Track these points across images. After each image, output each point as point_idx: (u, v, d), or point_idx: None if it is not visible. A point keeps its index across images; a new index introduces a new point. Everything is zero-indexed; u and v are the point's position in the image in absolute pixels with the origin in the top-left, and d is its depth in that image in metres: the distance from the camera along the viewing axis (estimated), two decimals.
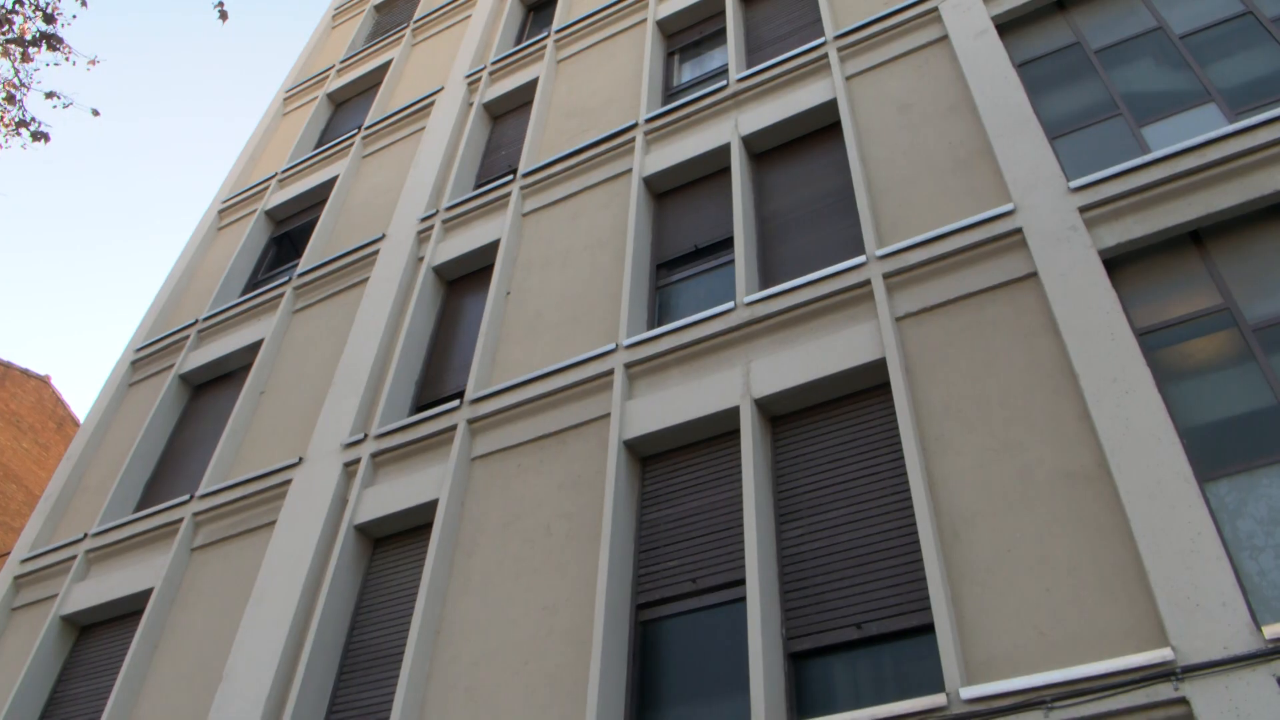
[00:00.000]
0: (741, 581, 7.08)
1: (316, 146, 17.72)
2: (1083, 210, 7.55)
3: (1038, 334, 7.14)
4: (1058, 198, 7.74)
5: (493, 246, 11.65)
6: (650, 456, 8.40)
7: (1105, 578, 5.83)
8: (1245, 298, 6.88)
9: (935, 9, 10.30)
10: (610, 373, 8.87)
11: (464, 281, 11.97)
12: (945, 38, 10.00)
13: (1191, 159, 7.39)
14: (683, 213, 10.62)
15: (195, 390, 13.62)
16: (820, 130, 10.40)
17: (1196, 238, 7.31)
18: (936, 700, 5.65)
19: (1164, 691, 5.22)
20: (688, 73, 12.93)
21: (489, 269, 11.70)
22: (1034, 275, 7.46)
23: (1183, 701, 5.17)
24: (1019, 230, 7.71)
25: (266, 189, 16.72)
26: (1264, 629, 5.17)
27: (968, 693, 5.61)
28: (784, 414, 8.00)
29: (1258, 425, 6.26)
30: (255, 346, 13.12)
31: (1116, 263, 7.41)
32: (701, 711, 6.77)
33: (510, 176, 12.34)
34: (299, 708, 8.16)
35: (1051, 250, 7.43)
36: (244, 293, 14.82)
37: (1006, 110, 8.66)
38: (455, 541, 8.66)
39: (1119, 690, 5.32)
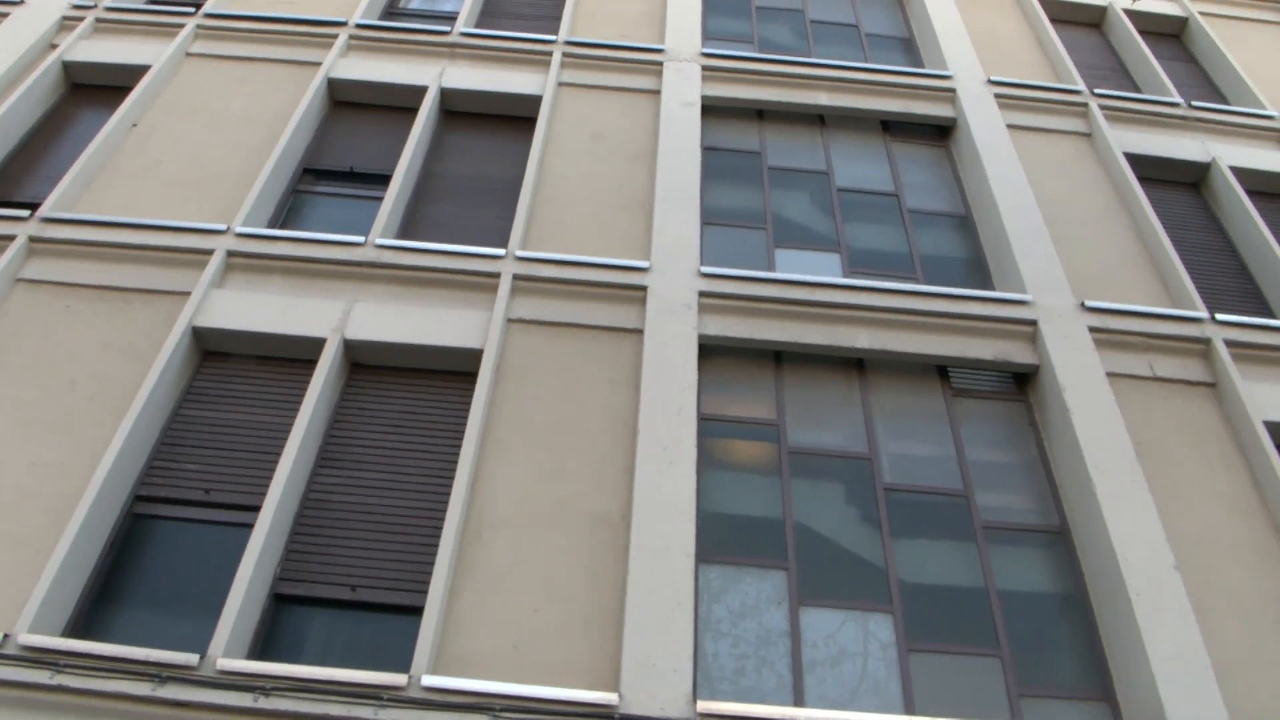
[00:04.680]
0: (256, 508, 6.81)
1: None
2: (701, 294, 8.21)
3: (622, 384, 7.61)
4: (686, 275, 8.35)
5: (139, 70, 10.47)
6: (215, 352, 7.89)
7: (589, 615, 6.28)
8: (794, 423, 7.82)
9: (661, 64, 10.78)
10: (209, 253, 8.24)
11: (91, 92, 10.63)
12: (658, 93, 10.48)
13: (785, 290, 8.30)
14: (353, 131, 10.20)
15: None
16: (516, 118, 10.46)
17: (778, 358, 8.21)
18: (397, 679, 5.76)
19: None
20: (418, 1, 12.51)
21: (125, 91, 10.47)
22: (640, 332, 7.96)
23: None
24: (644, 288, 8.21)
25: None
26: (698, 703, 5.82)
27: (429, 681, 5.77)
28: (368, 364, 7.88)
29: (760, 531, 7.10)
30: None
31: (709, 350, 8.12)
32: (164, 620, 6.41)
33: (191, 9, 11.22)
34: None
35: (662, 317, 7.98)
36: None
37: (679, 181, 9.23)
38: None
39: (560, 718, 5.72)
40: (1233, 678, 6.30)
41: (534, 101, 10.37)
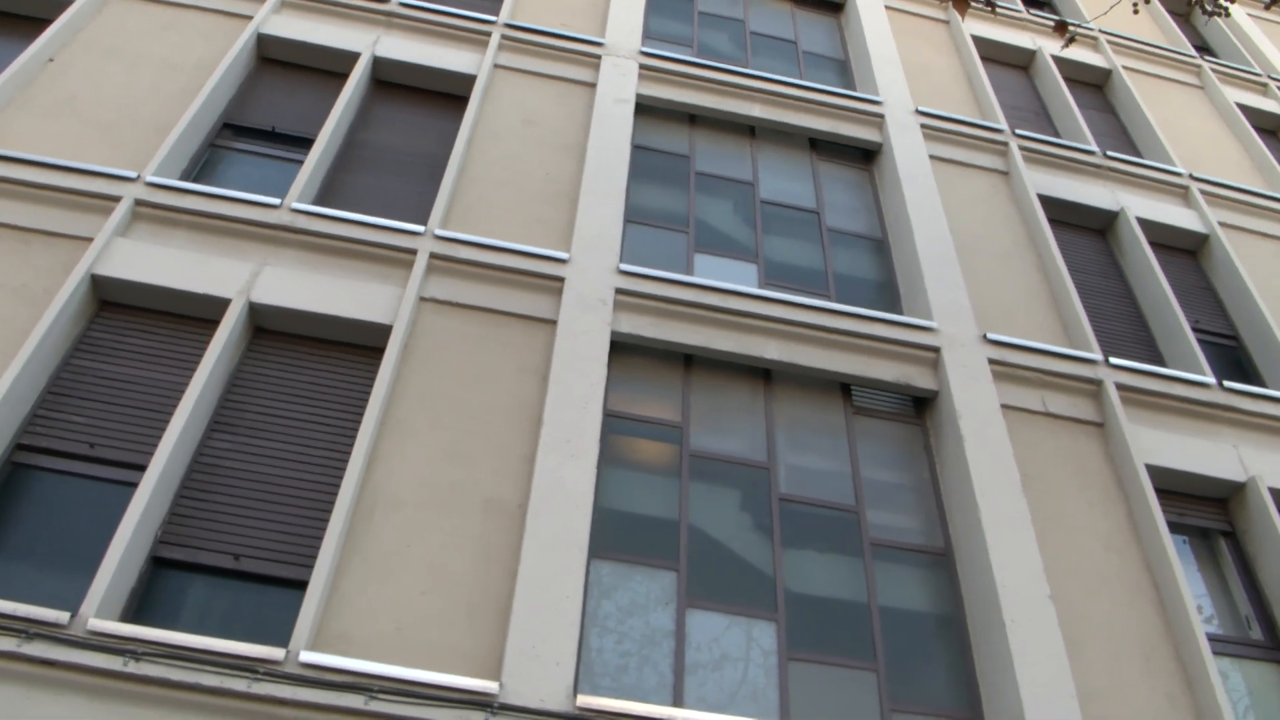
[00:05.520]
0: (142, 468, 6.61)
1: None
2: (618, 291, 8.23)
3: (531, 374, 7.59)
4: (605, 271, 8.36)
5: (61, 3, 10.06)
6: (113, 303, 7.62)
7: (476, 602, 6.26)
8: (698, 426, 7.89)
9: (599, 58, 10.76)
10: (116, 200, 7.96)
11: (6, 20, 10.14)
12: (593, 86, 10.47)
13: (700, 295, 8.37)
14: (279, 90, 9.96)
15: None
16: (448, 96, 10.34)
17: (687, 361, 8.28)
18: (274, 653, 5.65)
19: (476, 717, 5.66)
20: None
21: (43, 24, 10.06)
22: (554, 323, 7.95)
23: None
24: (562, 279, 8.19)
25: None
26: (578, 697, 5.86)
27: (307, 657, 5.68)
28: (272, 330, 7.70)
29: (651, 531, 7.15)
30: None
31: (620, 347, 8.14)
32: (37, 575, 6.18)
33: None
34: None
35: (577, 310, 7.98)
36: None
37: (605, 176, 9.24)
38: None
39: (439, 703, 5.68)
40: (1095, 706, 6.57)
41: (468, 80, 10.27)
